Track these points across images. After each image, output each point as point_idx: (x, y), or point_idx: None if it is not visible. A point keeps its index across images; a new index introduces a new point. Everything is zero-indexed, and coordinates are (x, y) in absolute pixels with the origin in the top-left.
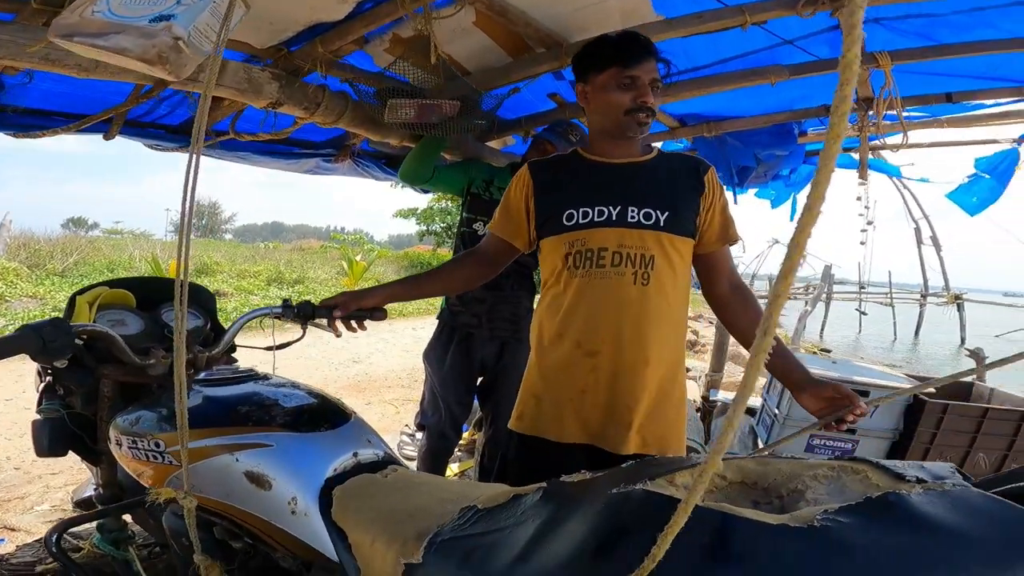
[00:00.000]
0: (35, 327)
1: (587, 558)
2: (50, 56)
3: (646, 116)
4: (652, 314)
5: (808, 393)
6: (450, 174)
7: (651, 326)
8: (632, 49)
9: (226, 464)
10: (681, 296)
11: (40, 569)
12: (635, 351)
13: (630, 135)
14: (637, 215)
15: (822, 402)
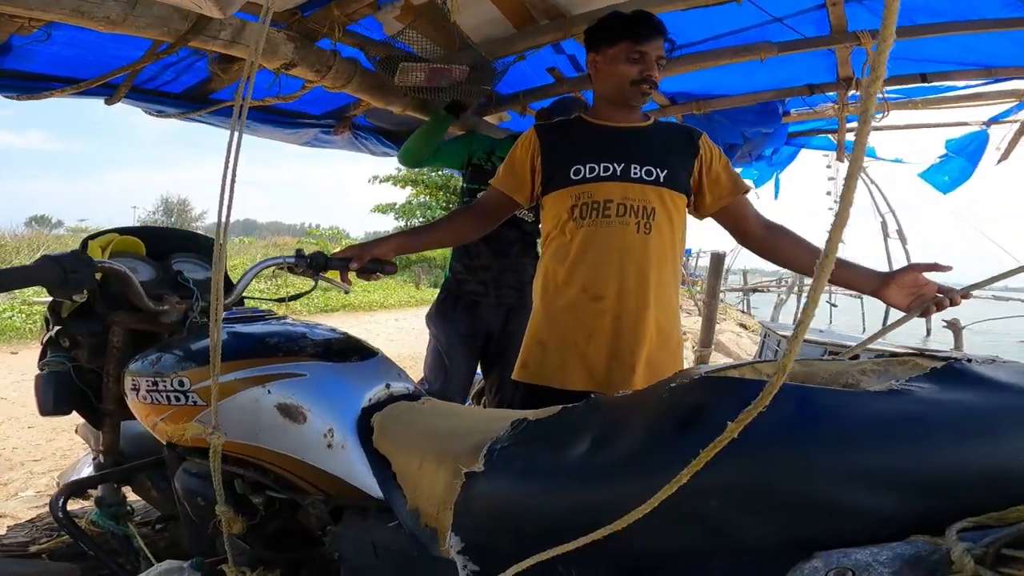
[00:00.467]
0: (56, 258)
1: (671, 430)
2: (80, 8)
3: (649, 88)
4: (653, 260)
5: (892, 287)
6: (451, 147)
7: (652, 272)
8: (643, 27)
9: (256, 398)
10: (678, 247)
11: (34, 549)
12: (638, 296)
13: (633, 104)
14: (639, 172)
15: (909, 293)
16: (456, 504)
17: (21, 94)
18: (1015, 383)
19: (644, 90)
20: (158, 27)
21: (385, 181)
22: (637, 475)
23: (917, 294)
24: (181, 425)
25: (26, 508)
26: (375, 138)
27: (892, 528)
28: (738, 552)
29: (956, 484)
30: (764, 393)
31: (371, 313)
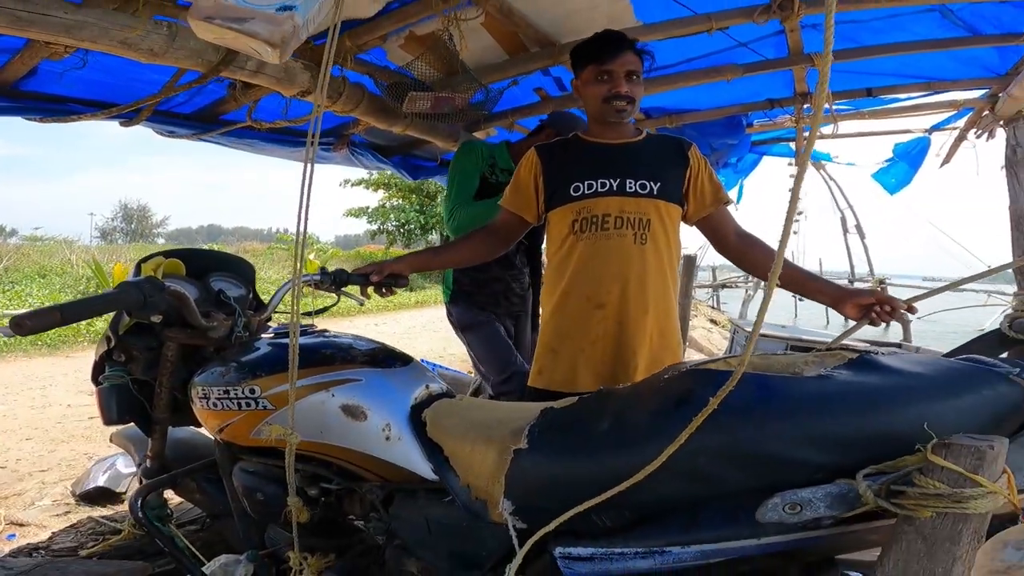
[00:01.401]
0: (135, 284)
1: (669, 409)
2: (128, 40)
3: (623, 103)
4: (651, 268)
5: (850, 303)
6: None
7: (650, 279)
8: (605, 47)
9: (322, 401)
10: (673, 255)
11: (84, 553)
12: (637, 302)
13: (610, 120)
14: (634, 185)
15: (864, 309)
16: (506, 476)
17: (47, 117)
18: (904, 368)
19: (617, 106)
20: (194, 58)
21: (357, 185)
22: (646, 442)
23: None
24: (247, 430)
25: (48, 516)
26: (371, 154)
27: (824, 474)
28: (722, 496)
29: (863, 442)
30: (731, 379)
31: (351, 319)
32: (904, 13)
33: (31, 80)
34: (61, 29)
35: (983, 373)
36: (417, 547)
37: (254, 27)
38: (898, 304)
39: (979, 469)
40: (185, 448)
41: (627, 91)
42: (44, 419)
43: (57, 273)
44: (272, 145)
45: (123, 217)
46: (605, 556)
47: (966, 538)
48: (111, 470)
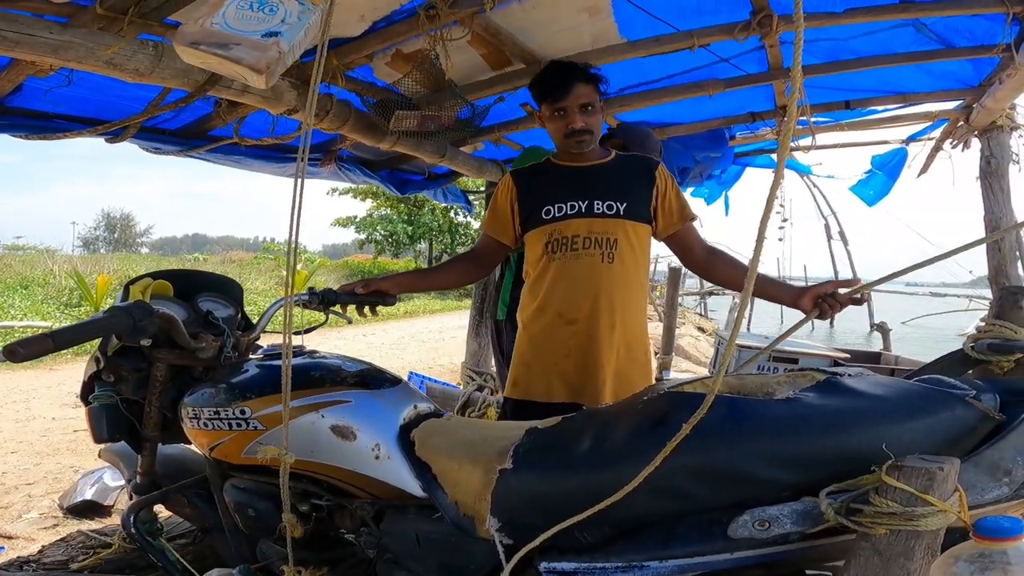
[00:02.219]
0: (125, 308)
1: (647, 431)
2: (113, 60)
3: (581, 136)
4: (618, 285)
5: (806, 297)
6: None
7: (618, 295)
8: (556, 84)
9: (312, 422)
10: (641, 272)
11: (76, 566)
12: (606, 318)
13: (573, 152)
14: (601, 207)
15: (816, 298)
16: (492, 494)
17: (32, 134)
18: (867, 391)
19: (576, 140)
20: (180, 78)
21: (345, 193)
22: (625, 462)
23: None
24: (238, 450)
25: (36, 529)
26: (358, 168)
27: (791, 492)
28: (697, 511)
29: (827, 462)
30: (704, 404)
31: (339, 330)
32: (880, 29)
33: (16, 97)
34: (47, 49)
35: (941, 395)
36: (408, 561)
37: (239, 53)
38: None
39: (930, 489)
40: (175, 464)
41: (582, 125)
42: (28, 432)
43: (39, 284)
44: (259, 161)
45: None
46: (588, 571)
47: (919, 553)
48: (98, 483)
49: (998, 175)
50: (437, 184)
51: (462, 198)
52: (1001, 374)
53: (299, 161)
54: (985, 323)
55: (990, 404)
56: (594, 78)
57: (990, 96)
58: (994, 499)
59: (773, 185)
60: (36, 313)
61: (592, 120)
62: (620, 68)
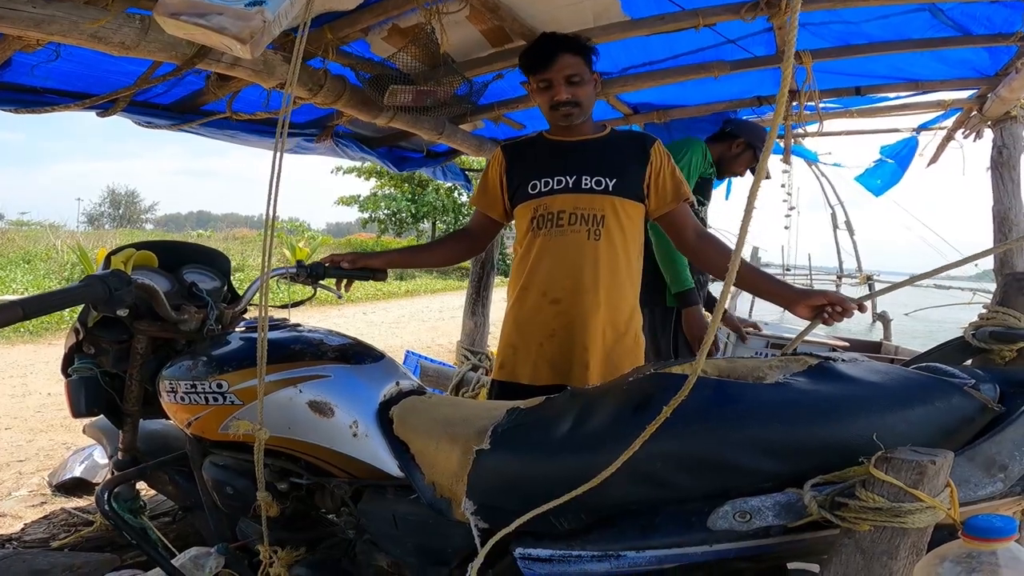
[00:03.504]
0: (101, 277)
1: (628, 414)
2: (98, 34)
3: (567, 109)
4: (603, 264)
5: (802, 304)
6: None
7: (603, 274)
8: (540, 57)
9: (289, 397)
10: (632, 252)
11: (56, 544)
12: (591, 297)
13: (561, 125)
14: (590, 182)
15: (815, 310)
16: (469, 476)
17: (21, 108)
18: (860, 377)
19: (563, 112)
20: (168, 51)
21: (349, 172)
22: (605, 446)
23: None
24: (215, 425)
25: (24, 507)
26: (355, 145)
27: (776, 483)
28: (677, 501)
29: (814, 451)
30: (684, 387)
31: (339, 307)
32: (894, 13)
33: (5, 72)
34: (30, 23)
35: (937, 384)
36: (385, 542)
37: (222, 22)
38: (849, 305)
39: (919, 484)
40: (158, 440)
41: (568, 96)
42: (23, 408)
43: (42, 258)
44: (254, 136)
45: (111, 203)
46: (563, 558)
47: (903, 552)
48: (88, 461)
49: (1009, 166)
50: (436, 162)
51: (461, 176)
52: (1002, 364)
53: (278, 136)
54: (988, 310)
55: (989, 394)
56: (582, 48)
57: (1005, 86)
58: (987, 495)
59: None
60: (37, 287)
61: (580, 92)
62: (623, 47)
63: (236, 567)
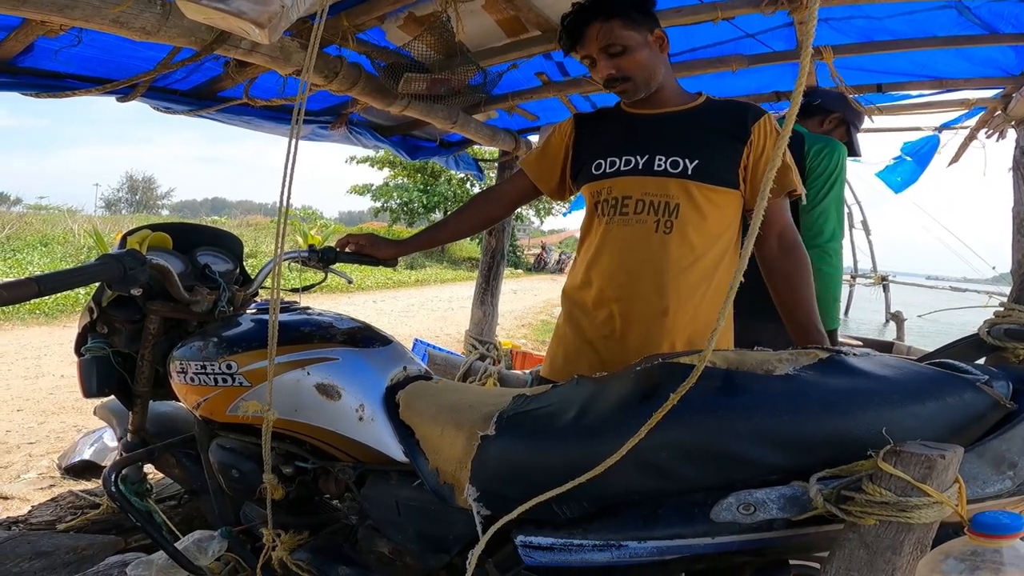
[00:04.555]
0: (116, 256)
1: (634, 403)
2: (120, 19)
3: (619, 85)
4: (673, 263)
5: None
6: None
7: (671, 275)
8: (572, 32)
9: (297, 379)
10: (715, 247)
11: (62, 527)
12: (652, 300)
13: (625, 100)
14: (664, 163)
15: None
16: (473, 462)
17: (42, 92)
18: (870, 371)
19: (616, 89)
20: (187, 36)
21: (363, 162)
22: (610, 435)
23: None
24: (224, 406)
25: (32, 490)
26: (369, 133)
27: (781, 475)
28: (681, 492)
29: (822, 444)
30: (691, 376)
31: (349, 295)
32: (919, 10)
33: (28, 57)
34: (54, 8)
35: (950, 379)
36: (387, 528)
37: (241, 6)
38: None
39: (928, 478)
40: (167, 422)
41: (611, 72)
42: (36, 390)
43: (59, 242)
44: (270, 122)
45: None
46: (564, 547)
47: (908, 548)
48: (98, 443)
49: None
50: (449, 152)
51: (474, 166)
52: (1016, 362)
53: (294, 122)
54: (1004, 308)
55: (1002, 391)
56: (619, 9)
57: None
58: (995, 493)
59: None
60: (54, 269)
61: (626, 63)
62: None
63: (239, 551)
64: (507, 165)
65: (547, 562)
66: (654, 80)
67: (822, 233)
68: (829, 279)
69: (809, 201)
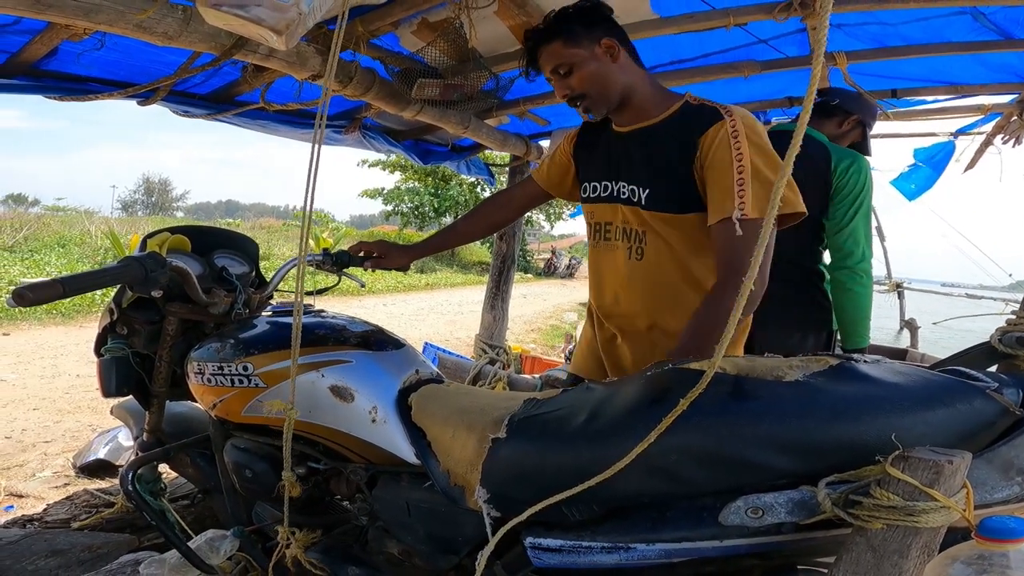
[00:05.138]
0: (138, 259)
1: (644, 407)
2: (143, 24)
3: (576, 104)
4: (649, 287)
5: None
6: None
7: (647, 298)
8: (531, 53)
9: (312, 381)
10: (694, 263)
11: (76, 525)
12: (637, 319)
13: (594, 117)
14: (626, 191)
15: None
16: (483, 464)
17: (66, 95)
18: (880, 378)
19: (578, 107)
20: (208, 41)
21: (375, 165)
22: (620, 438)
23: None
24: (239, 407)
25: (47, 488)
26: (382, 137)
27: (790, 480)
28: (690, 495)
29: (831, 450)
30: (701, 381)
31: (360, 298)
32: (934, 16)
33: (51, 60)
34: (79, 12)
35: (960, 386)
36: (397, 529)
37: (259, 14)
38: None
39: (935, 483)
40: (182, 422)
41: (567, 92)
42: (52, 389)
43: (76, 243)
44: (284, 127)
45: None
46: (573, 549)
47: (915, 552)
48: (112, 443)
49: None
50: (461, 156)
51: (485, 171)
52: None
53: (317, 126)
54: (1016, 316)
55: (1012, 399)
56: (558, 30)
57: None
58: (1003, 499)
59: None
60: (70, 271)
61: (576, 81)
62: (651, 45)
63: (250, 550)
64: (518, 169)
65: (556, 564)
66: (612, 91)
67: (852, 255)
68: (859, 299)
69: (837, 221)
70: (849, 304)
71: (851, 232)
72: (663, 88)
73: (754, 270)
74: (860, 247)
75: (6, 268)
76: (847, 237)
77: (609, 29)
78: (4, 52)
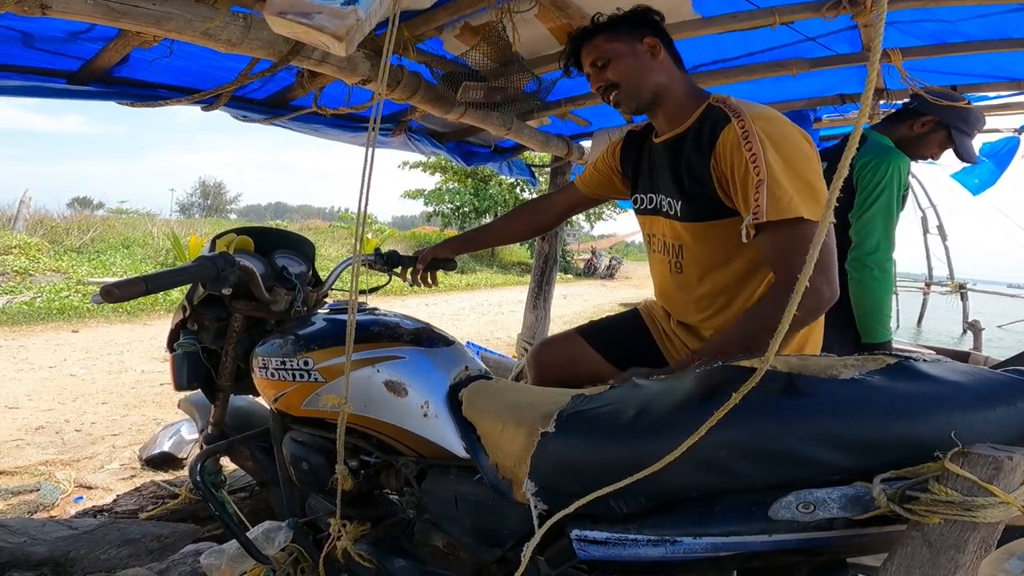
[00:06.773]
0: (211, 258)
1: (695, 402)
2: (209, 31)
3: (608, 97)
4: (692, 299)
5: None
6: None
7: (691, 308)
8: (571, 53)
9: (368, 376)
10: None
11: (144, 516)
12: (686, 318)
13: (625, 111)
14: (664, 204)
15: None
16: (532, 458)
17: (137, 102)
18: (940, 376)
19: (610, 99)
20: (267, 48)
21: (415, 167)
22: (668, 433)
23: None
24: (299, 400)
25: (115, 480)
26: (426, 139)
27: (841, 476)
28: (739, 490)
29: (887, 447)
30: (752, 378)
31: (402, 298)
32: (993, 12)
33: (123, 67)
34: (150, 20)
35: (1020, 385)
36: (445, 522)
37: (322, 21)
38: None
39: (995, 479)
40: (243, 416)
41: (598, 84)
42: (119, 384)
43: (139, 244)
44: (335, 130)
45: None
46: (619, 541)
47: (972, 547)
48: (175, 436)
49: None
50: (503, 157)
51: (527, 171)
52: None
53: (370, 129)
54: None
55: None
56: (599, 27)
57: None
58: None
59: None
60: (135, 271)
61: (612, 72)
62: (694, 45)
63: (302, 542)
64: (560, 170)
65: (600, 556)
66: (645, 87)
67: (862, 245)
68: (868, 290)
69: (854, 212)
70: (857, 294)
71: (865, 223)
72: (698, 91)
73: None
74: (873, 239)
75: (75, 268)
76: (861, 227)
77: (655, 30)
78: (78, 59)
